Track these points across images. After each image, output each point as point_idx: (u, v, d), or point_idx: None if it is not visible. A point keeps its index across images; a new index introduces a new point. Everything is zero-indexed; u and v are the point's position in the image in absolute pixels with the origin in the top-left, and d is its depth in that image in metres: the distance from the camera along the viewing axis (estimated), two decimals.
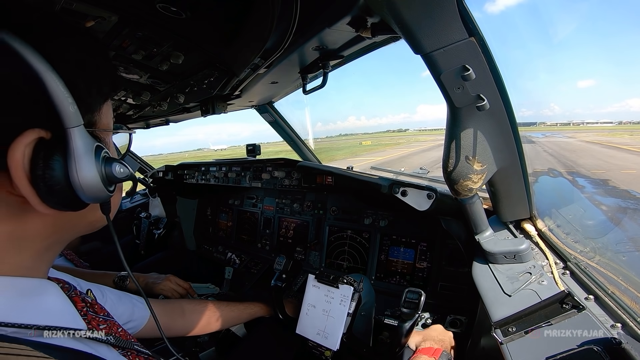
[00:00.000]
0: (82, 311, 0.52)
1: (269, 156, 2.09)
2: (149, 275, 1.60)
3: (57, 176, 0.37)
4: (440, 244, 1.55)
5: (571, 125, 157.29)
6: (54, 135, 0.38)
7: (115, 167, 0.43)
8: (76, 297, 0.54)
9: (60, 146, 0.38)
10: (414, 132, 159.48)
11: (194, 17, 0.76)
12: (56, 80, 0.36)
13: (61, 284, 0.53)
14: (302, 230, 2.02)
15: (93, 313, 0.55)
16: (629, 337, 0.75)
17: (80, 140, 0.38)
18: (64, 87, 0.36)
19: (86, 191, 0.39)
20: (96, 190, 0.40)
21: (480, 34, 0.66)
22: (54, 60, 0.36)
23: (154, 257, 2.33)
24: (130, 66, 1.05)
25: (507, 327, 0.88)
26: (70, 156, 0.38)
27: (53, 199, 0.38)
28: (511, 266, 1.04)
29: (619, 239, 1.32)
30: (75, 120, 0.38)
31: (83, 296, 0.57)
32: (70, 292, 0.54)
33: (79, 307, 0.52)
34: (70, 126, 0.37)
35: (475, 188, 0.93)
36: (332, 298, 1.26)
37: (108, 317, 0.58)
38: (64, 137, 0.38)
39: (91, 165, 0.39)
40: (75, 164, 0.38)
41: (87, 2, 0.69)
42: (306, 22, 0.77)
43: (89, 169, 0.39)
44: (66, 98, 0.36)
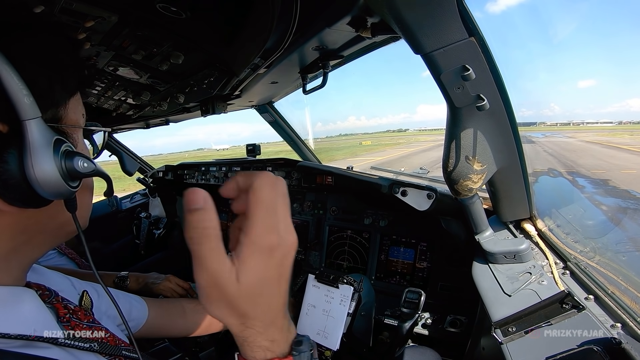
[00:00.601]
0: (64, 318, 0.50)
1: (269, 156, 2.09)
2: (149, 275, 1.59)
3: (11, 170, 0.36)
4: (440, 244, 1.55)
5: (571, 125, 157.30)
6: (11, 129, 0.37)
7: (78, 162, 0.41)
8: (58, 304, 0.52)
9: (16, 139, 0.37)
10: (414, 132, 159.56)
11: (194, 17, 0.76)
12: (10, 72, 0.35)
13: (40, 291, 0.51)
14: (302, 230, 2.02)
15: (76, 320, 0.53)
16: (629, 337, 0.75)
17: (38, 132, 0.37)
18: (18, 79, 0.36)
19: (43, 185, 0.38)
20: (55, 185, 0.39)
21: (480, 34, 0.66)
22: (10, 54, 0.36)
23: (154, 257, 2.33)
24: (130, 66, 1.05)
25: (507, 327, 0.88)
26: (25, 149, 0.37)
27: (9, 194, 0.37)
28: (511, 266, 1.04)
29: (619, 239, 1.32)
30: (32, 112, 0.37)
31: (66, 302, 0.54)
32: (51, 299, 0.52)
33: (60, 314, 0.51)
34: (26, 118, 0.36)
35: (475, 188, 0.93)
36: (332, 298, 1.26)
37: (93, 323, 0.56)
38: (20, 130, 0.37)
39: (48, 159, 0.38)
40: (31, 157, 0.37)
41: (87, 2, 0.69)
42: (306, 22, 0.77)
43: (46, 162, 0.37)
44: (20, 90, 0.36)
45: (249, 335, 0.37)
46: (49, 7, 0.65)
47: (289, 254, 0.37)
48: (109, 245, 2.62)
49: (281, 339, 0.39)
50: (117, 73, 1.11)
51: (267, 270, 0.35)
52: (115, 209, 2.95)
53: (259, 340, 0.38)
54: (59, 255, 1.75)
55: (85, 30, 0.77)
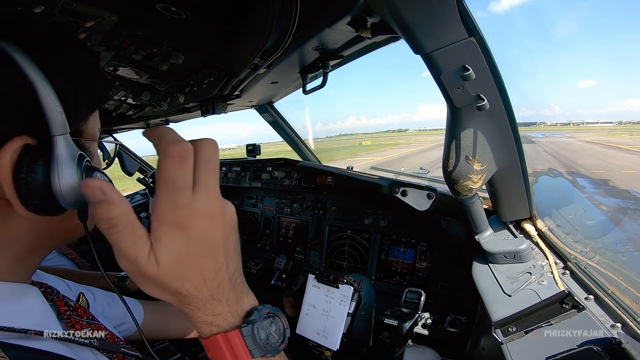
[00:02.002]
0: (64, 315, 0.53)
1: (269, 156, 2.09)
2: None
3: (38, 180, 0.38)
4: (440, 244, 1.55)
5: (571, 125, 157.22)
6: (40, 142, 0.39)
7: (97, 176, 0.44)
8: (59, 301, 0.55)
9: (44, 153, 0.39)
10: (414, 132, 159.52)
11: (194, 17, 0.76)
12: (48, 90, 0.37)
13: (43, 289, 0.53)
14: (302, 230, 2.03)
15: (76, 316, 0.55)
16: (629, 337, 0.75)
17: (65, 147, 0.39)
18: (55, 96, 0.37)
19: (66, 197, 0.40)
20: (75, 197, 0.41)
21: (480, 34, 0.66)
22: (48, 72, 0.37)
23: None
24: (130, 66, 1.05)
25: (507, 327, 0.88)
26: (53, 162, 0.39)
27: (33, 201, 0.39)
28: (511, 266, 1.04)
29: (619, 239, 1.32)
30: (62, 128, 0.39)
31: (66, 300, 0.57)
32: (53, 297, 0.54)
33: (61, 311, 0.53)
34: (57, 134, 0.39)
35: (475, 188, 0.93)
36: (332, 298, 1.26)
37: (92, 320, 0.58)
38: (49, 144, 0.39)
39: (72, 172, 0.40)
40: (58, 170, 0.39)
41: (87, 2, 0.69)
42: (306, 22, 0.77)
43: (70, 175, 0.40)
44: (56, 107, 0.38)
45: (189, 312, 0.39)
46: (49, 7, 0.65)
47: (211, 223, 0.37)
48: (110, 245, 2.61)
49: (226, 311, 0.39)
50: (117, 73, 1.11)
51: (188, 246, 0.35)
52: None
53: (200, 316, 0.39)
54: (59, 255, 1.75)
55: (85, 30, 0.78)
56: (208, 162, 0.37)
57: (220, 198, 0.40)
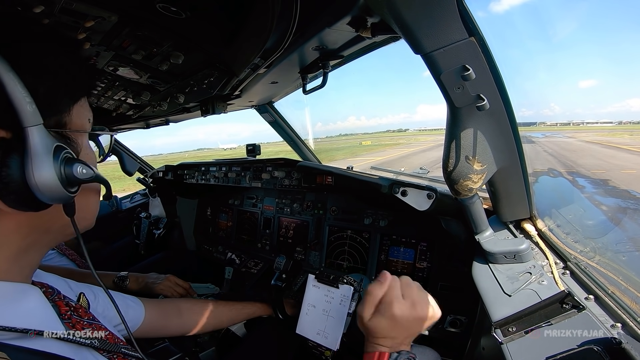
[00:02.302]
0: (65, 315, 0.52)
1: (269, 156, 2.09)
2: (148, 275, 1.60)
3: (13, 174, 0.37)
4: (440, 244, 1.55)
5: (571, 125, 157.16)
6: (14, 135, 0.38)
7: (77, 168, 0.42)
8: (59, 301, 0.54)
9: (18, 145, 0.38)
10: (414, 132, 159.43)
11: (194, 17, 0.76)
12: (14, 81, 0.36)
13: (44, 289, 0.53)
14: (302, 230, 2.02)
15: (77, 317, 0.55)
16: (629, 337, 0.75)
17: (39, 139, 0.38)
18: (22, 87, 0.37)
19: (42, 191, 0.39)
20: (54, 191, 0.40)
21: (480, 34, 0.66)
22: (17, 65, 0.37)
23: (154, 257, 2.33)
24: (130, 66, 1.05)
25: (507, 327, 0.88)
26: (27, 155, 0.38)
27: (11, 197, 0.38)
28: (511, 266, 1.04)
29: (619, 239, 1.32)
30: (34, 119, 0.38)
31: (67, 300, 0.56)
32: (54, 297, 0.54)
33: (62, 311, 0.52)
34: (28, 125, 0.37)
35: (475, 188, 0.93)
36: (332, 298, 1.26)
37: (93, 320, 0.58)
38: (22, 137, 0.38)
39: (48, 165, 0.39)
40: (32, 163, 0.38)
41: (87, 2, 0.69)
42: (306, 22, 0.77)
43: (45, 168, 0.38)
44: (23, 97, 0.37)
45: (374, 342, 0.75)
46: (49, 7, 0.65)
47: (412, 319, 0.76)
48: (109, 245, 2.62)
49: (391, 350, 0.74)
50: (117, 73, 1.11)
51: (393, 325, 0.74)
52: (116, 209, 2.95)
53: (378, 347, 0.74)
54: (59, 255, 1.76)
55: (85, 30, 0.78)
56: (407, 285, 0.78)
57: (414, 303, 0.77)
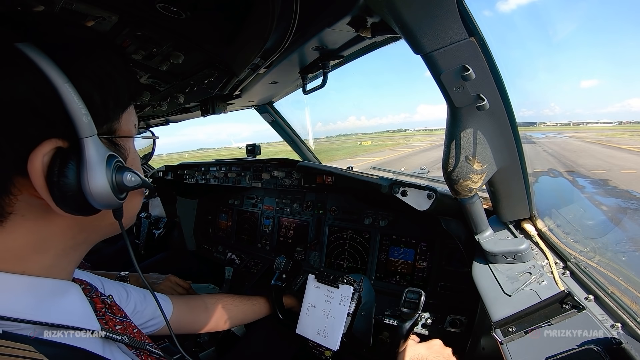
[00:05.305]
0: (100, 312, 0.55)
1: (269, 156, 2.09)
2: (148, 275, 1.60)
3: (69, 183, 0.39)
4: (440, 244, 1.55)
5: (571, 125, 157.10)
6: (71, 145, 0.40)
7: (127, 176, 0.45)
8: (96, 298, 0.57)
9: (75, 155, 0.40)
10: (414, 132, 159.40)
11: (194, 17, 0.77)
12: (72, 93, 0.37)
13: (83, 285, 0.55)
14: (302, 230, 2.02)
15: (111, 314, 0.58)
16: (629, 337, 0.75)
17: (93, 149, 0.40)
18: (79, 99, 0.38)
19: (96, 198, 0.41)
20: (106, 198, 0.42)
21: (480, 34, 0.66)
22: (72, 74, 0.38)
23: (154, 257, 2.33)
24: (131, 66, 1.05)
25: (507, 327, 0.88)
26: (83, 165, 0.40)
27: (66, 203, 0.40)
28: (511, 266, 1.04)
29: (619, 239, 1.32)
30: (89, 130, 0.40)
31: (103, 297, 0.59)
32: (92, 294, 0.57)
33: (98, 308, 0.55)
34: (84, 136, 0.39)
35: (475, 188, 0.93)
36: (332, 298, 1.26)
37: (125, 318, 0.61)
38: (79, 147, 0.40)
39: (102, 174, 0.41)
40: (87, 172, 0.40)
41: (87, 2, 0.69)
42: (306, 22, 0.77)
43: (100, 177, 0.41)
44: (80, 110, 0.38)
45: None
46: (49, 7, 0.65)
47: None
48: (110, 245, 2.62)
49: None
50: None
51: None
52: None
53: None
54: None
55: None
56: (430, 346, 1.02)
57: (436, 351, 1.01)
